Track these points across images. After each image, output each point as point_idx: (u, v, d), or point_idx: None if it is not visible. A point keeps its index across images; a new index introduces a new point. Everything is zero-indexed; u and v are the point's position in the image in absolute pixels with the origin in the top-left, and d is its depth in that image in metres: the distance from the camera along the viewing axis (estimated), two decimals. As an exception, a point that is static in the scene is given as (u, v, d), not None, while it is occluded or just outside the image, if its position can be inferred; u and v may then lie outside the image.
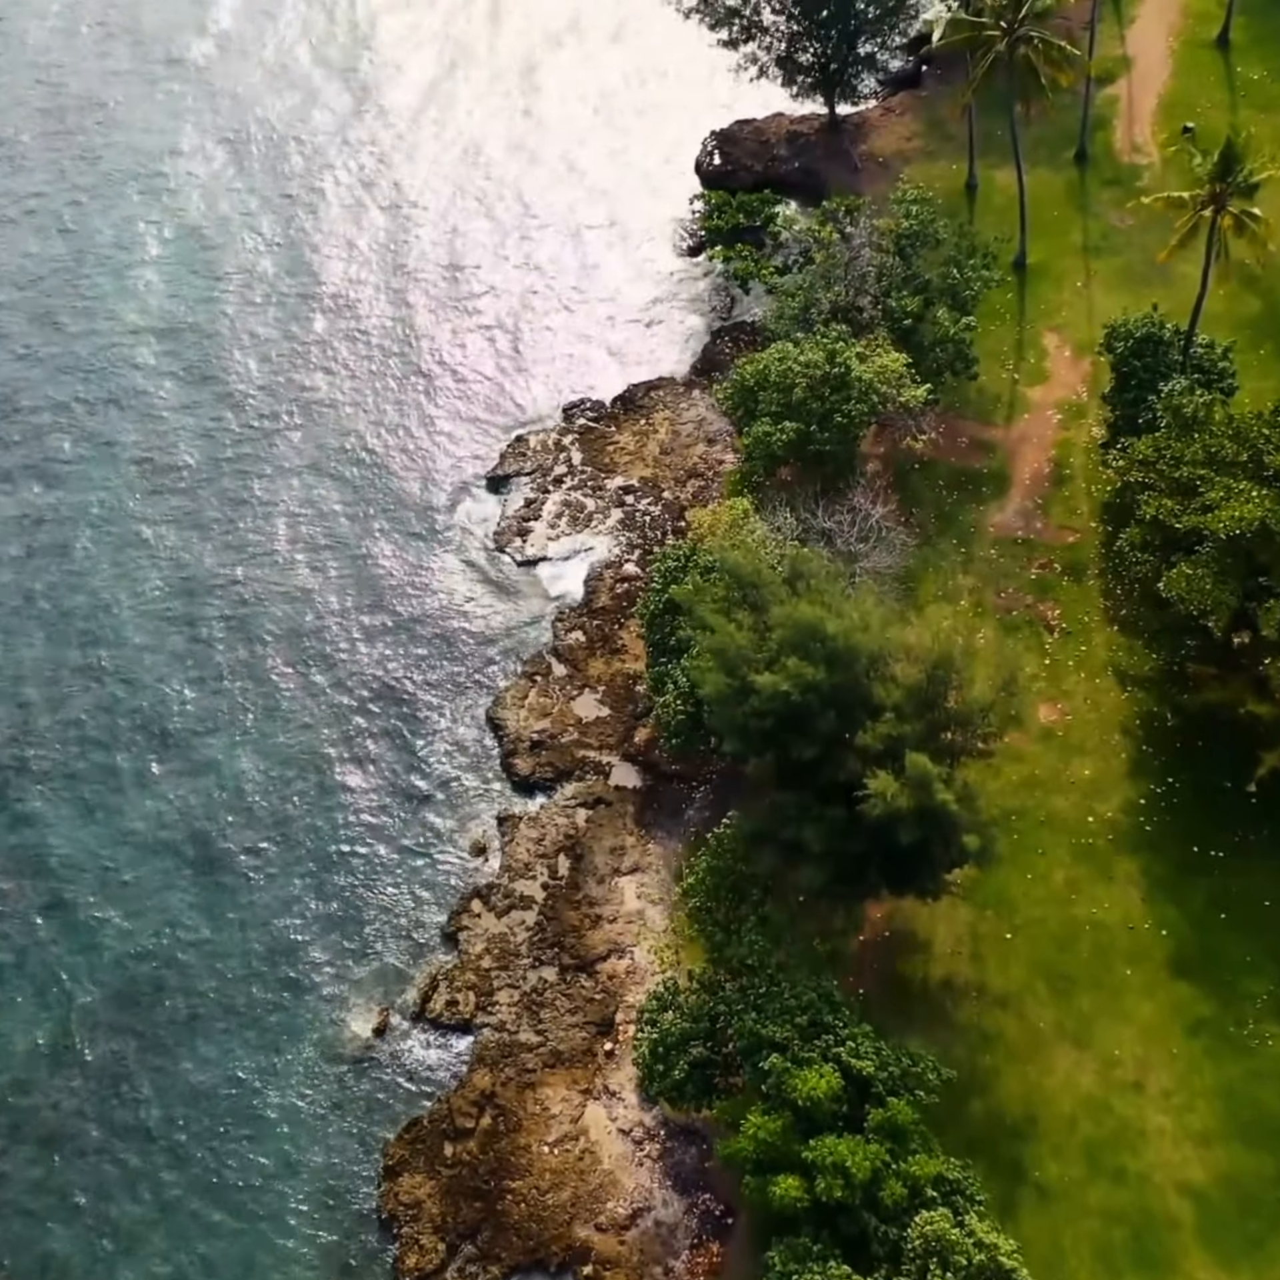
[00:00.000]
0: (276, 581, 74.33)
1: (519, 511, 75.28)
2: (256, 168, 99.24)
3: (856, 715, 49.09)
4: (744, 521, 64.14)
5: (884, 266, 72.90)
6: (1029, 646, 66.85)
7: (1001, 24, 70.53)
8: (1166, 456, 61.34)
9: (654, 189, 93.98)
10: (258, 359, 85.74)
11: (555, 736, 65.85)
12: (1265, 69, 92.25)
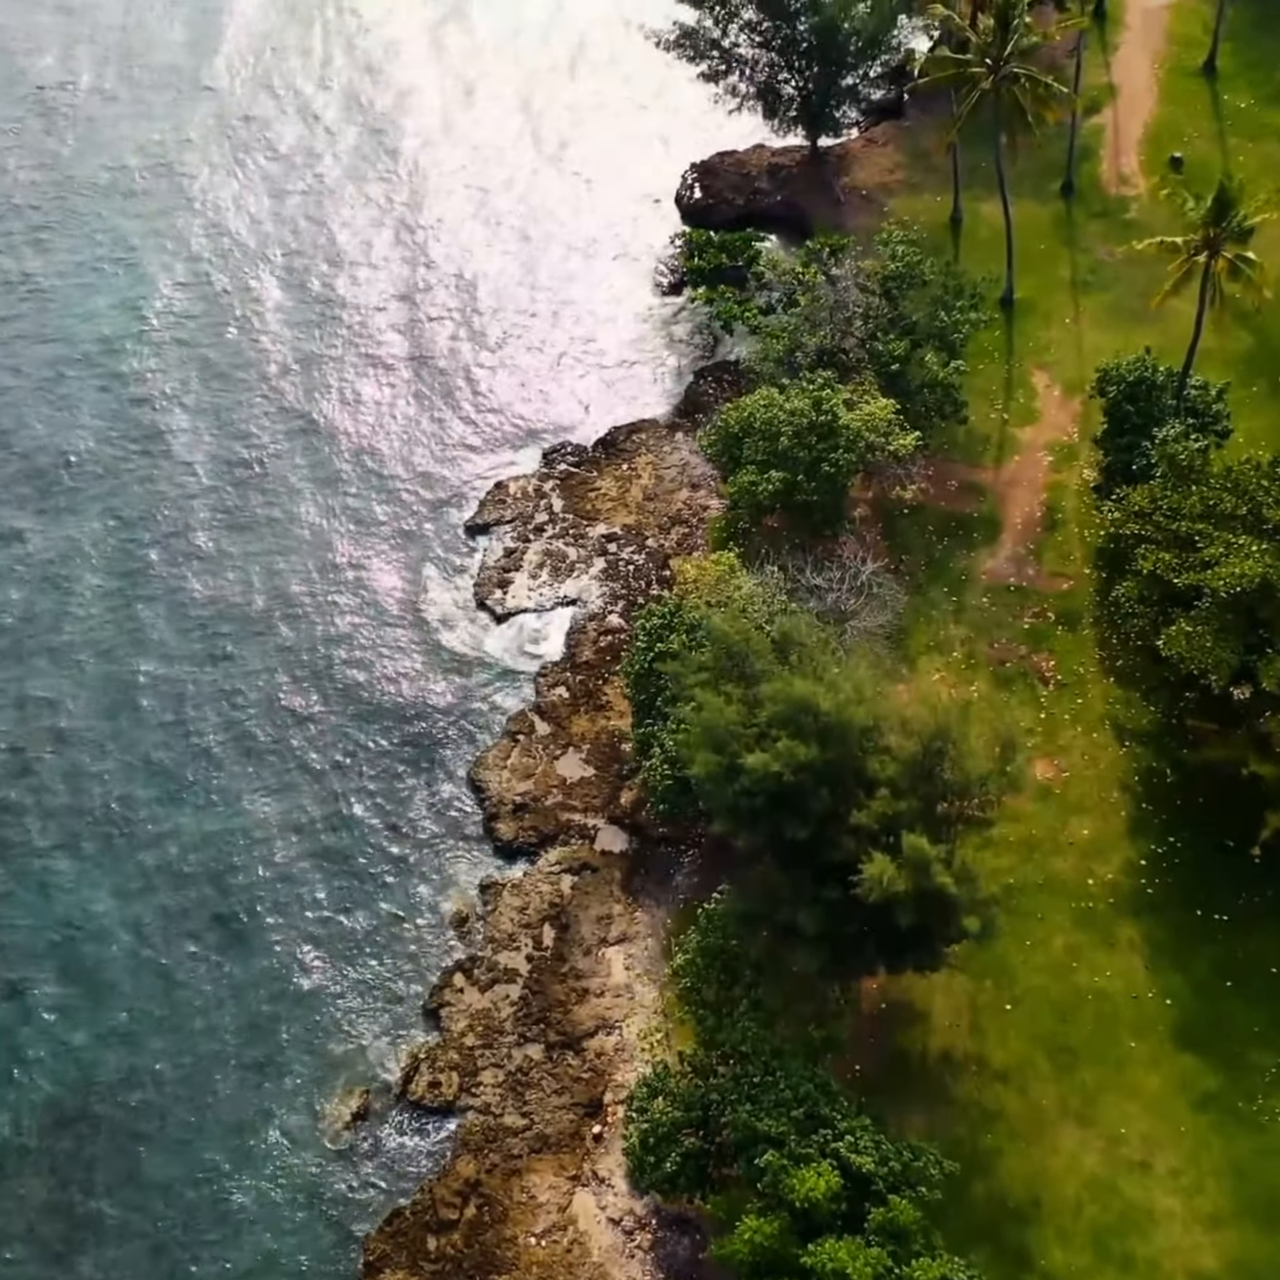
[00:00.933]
0: (249, 638, 72.08)
1: (499, 562, 73.36)
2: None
3: (850, 791, 47.34)
4: (730, 577, 62.42)
5: (870, 308, 71.31)
6: (1023, 700, 65.25)
7: (987, 60, 69.00)
8: (1163, 508, 59.90)
9: (634, 223, 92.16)
10: (211, 426, 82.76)
11: (539, 799, 63.94)
12: (1252, 96, 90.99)
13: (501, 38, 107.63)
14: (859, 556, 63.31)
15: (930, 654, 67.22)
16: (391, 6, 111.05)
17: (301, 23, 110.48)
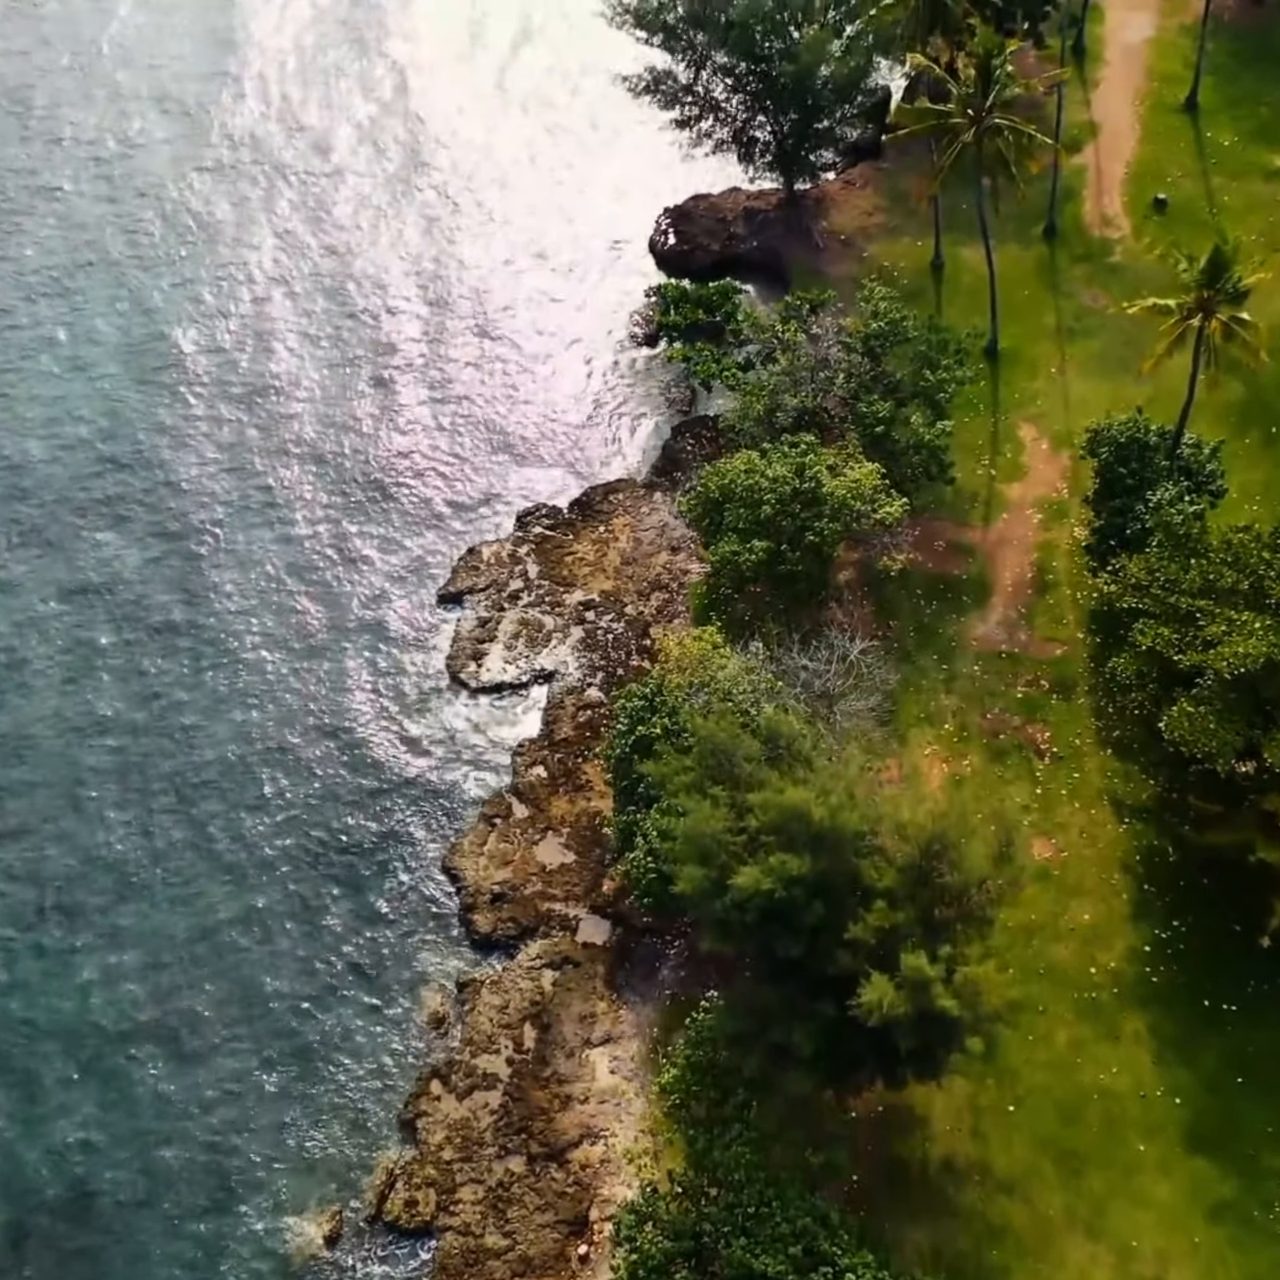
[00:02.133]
0: (206, 719, 68.99)
1: (473, 632, 70.72)
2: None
3: (845, 901, 44.91)
4: (714, 656, 60.00)
5: (852, 366, 69.09)
6: (1019, 774, 63.00)
7: (968, 111, 66.90)
8: (1160, 580, 57.73)
9: (607, 270, 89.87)
10: (167, 494, 79.47)
11: (517, 888, 61.31)
12: (1235, 133, 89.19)
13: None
14: (846, 633, 60.84)
15: (921, 726, 64.92)
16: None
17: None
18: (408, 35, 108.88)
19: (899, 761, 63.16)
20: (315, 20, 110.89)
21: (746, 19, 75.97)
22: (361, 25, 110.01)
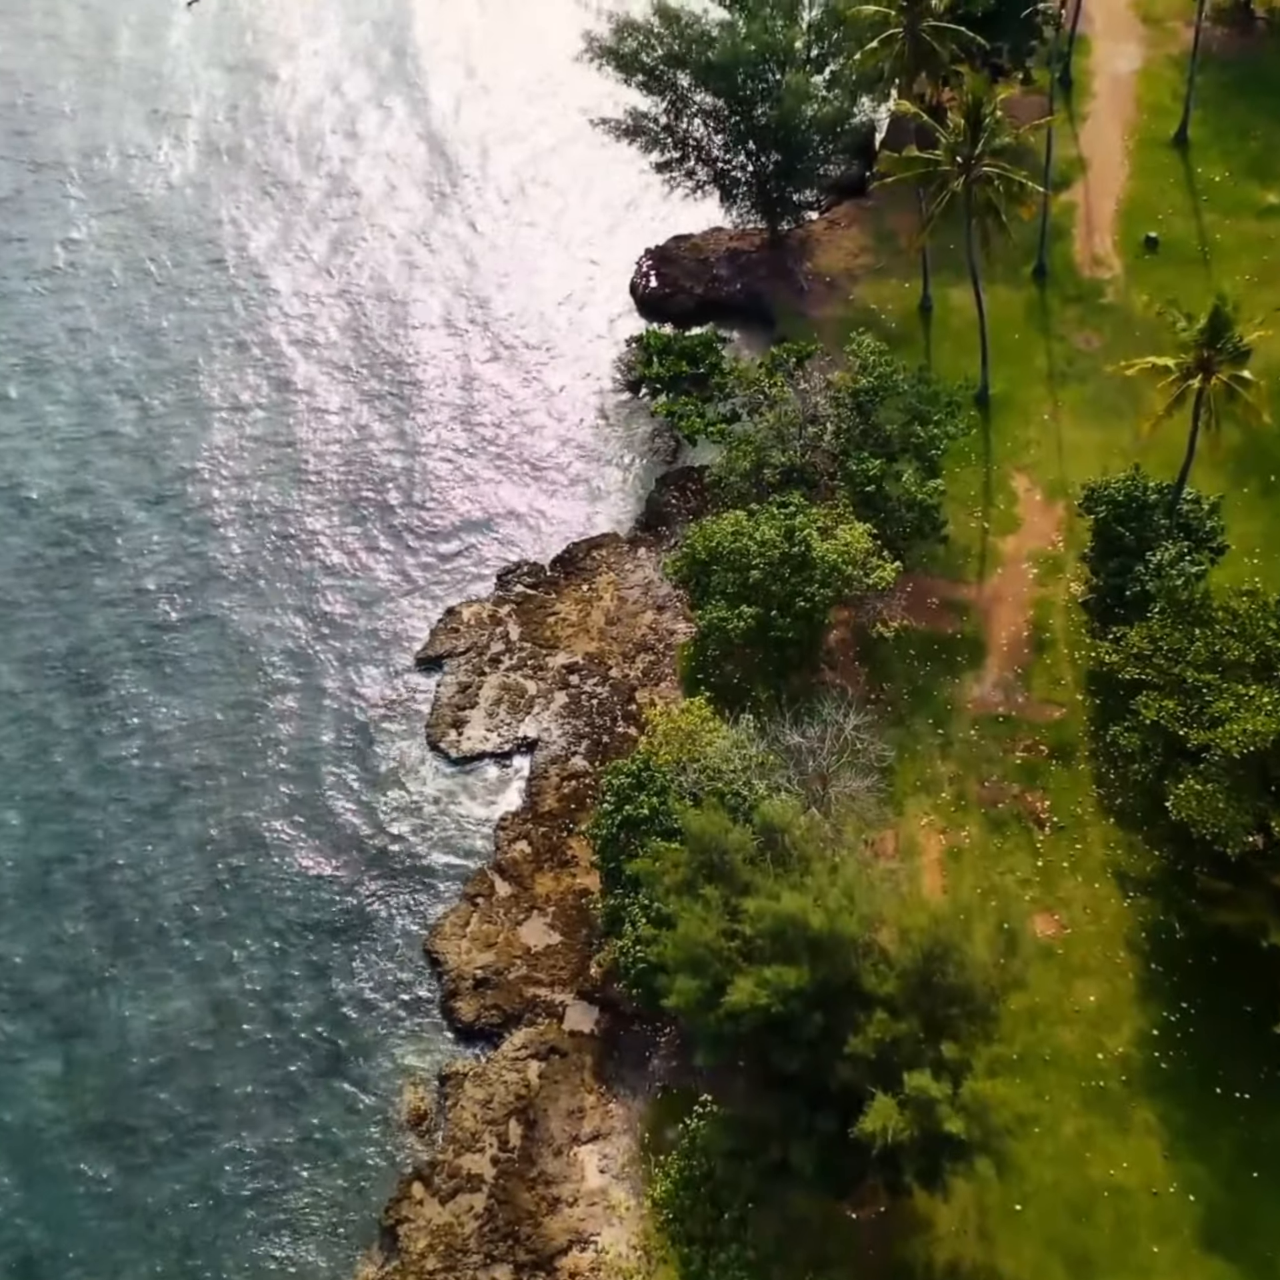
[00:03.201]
0: (175, 798, 66.17)
1: (453, 699, 68.37)
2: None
3: (845, 1009, 42.77)
4: (703, 730, 57.83)
5: (841, 421, 67.08)
6: (1018, 845, 60.96)
7: (957, 159, 64.99)
8: (1164, 649, 55.80)
9: (588, 315, 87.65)
10: (136, 559, 76.64)
11: (501, 972, 58.98)
12: (1226, 169, 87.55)
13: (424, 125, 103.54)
14: (840, 707, 58.65)
15: (918, 795, 62.80)
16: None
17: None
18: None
19: (895, 833, 61.25)
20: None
21: (728, 61, 73.99)
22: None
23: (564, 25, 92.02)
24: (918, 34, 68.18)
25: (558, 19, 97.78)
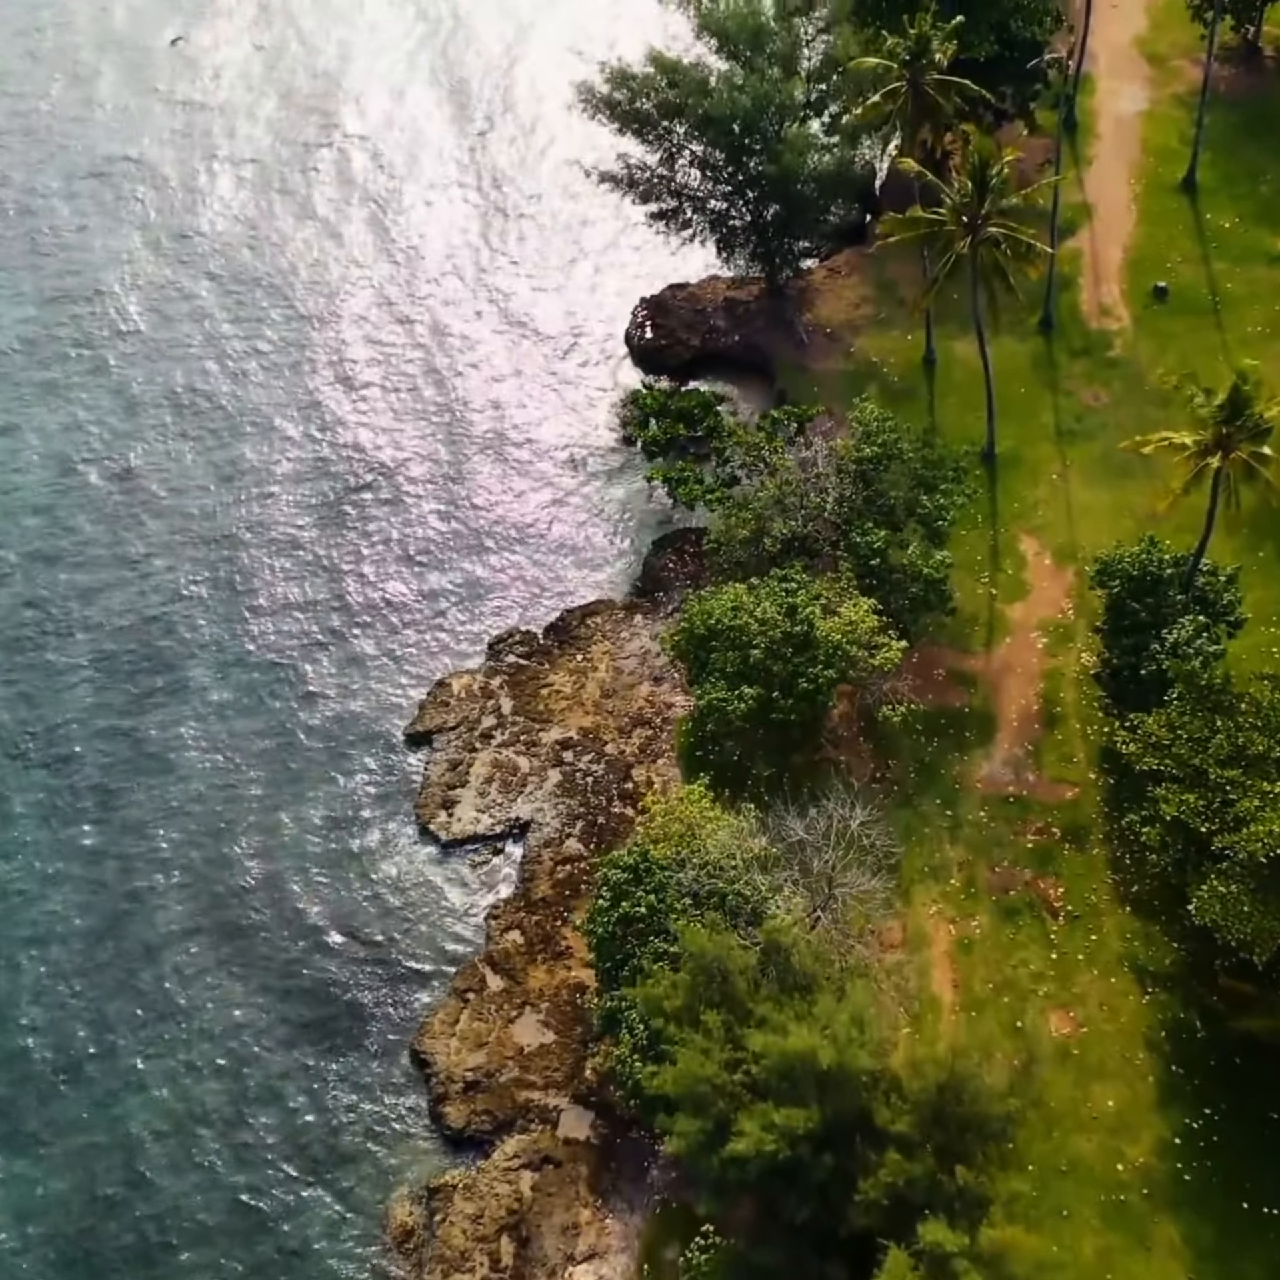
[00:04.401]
0: (143, 884, 63.67)
1: (443, 777, 65.91)
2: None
3: (856, 1148, 40.35)
4: (702, 822, 55.37)
5: (843, 489, 64.75)
6: (1031, 936, 58.45)
7: (963, 219, 62.72)
8: (1183, 739, 53.44)
9: (582, 366, 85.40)
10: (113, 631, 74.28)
11: (493, 1074, 56.49)
12: (1236, 214, 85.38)
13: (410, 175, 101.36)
14: (845, 801, 56.15)
15: (925, 882, 60.35)
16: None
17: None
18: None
19: (903, 923, 58.85)
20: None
21: (724, 114, 71.76)
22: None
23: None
24: (920, 87, 66.01)
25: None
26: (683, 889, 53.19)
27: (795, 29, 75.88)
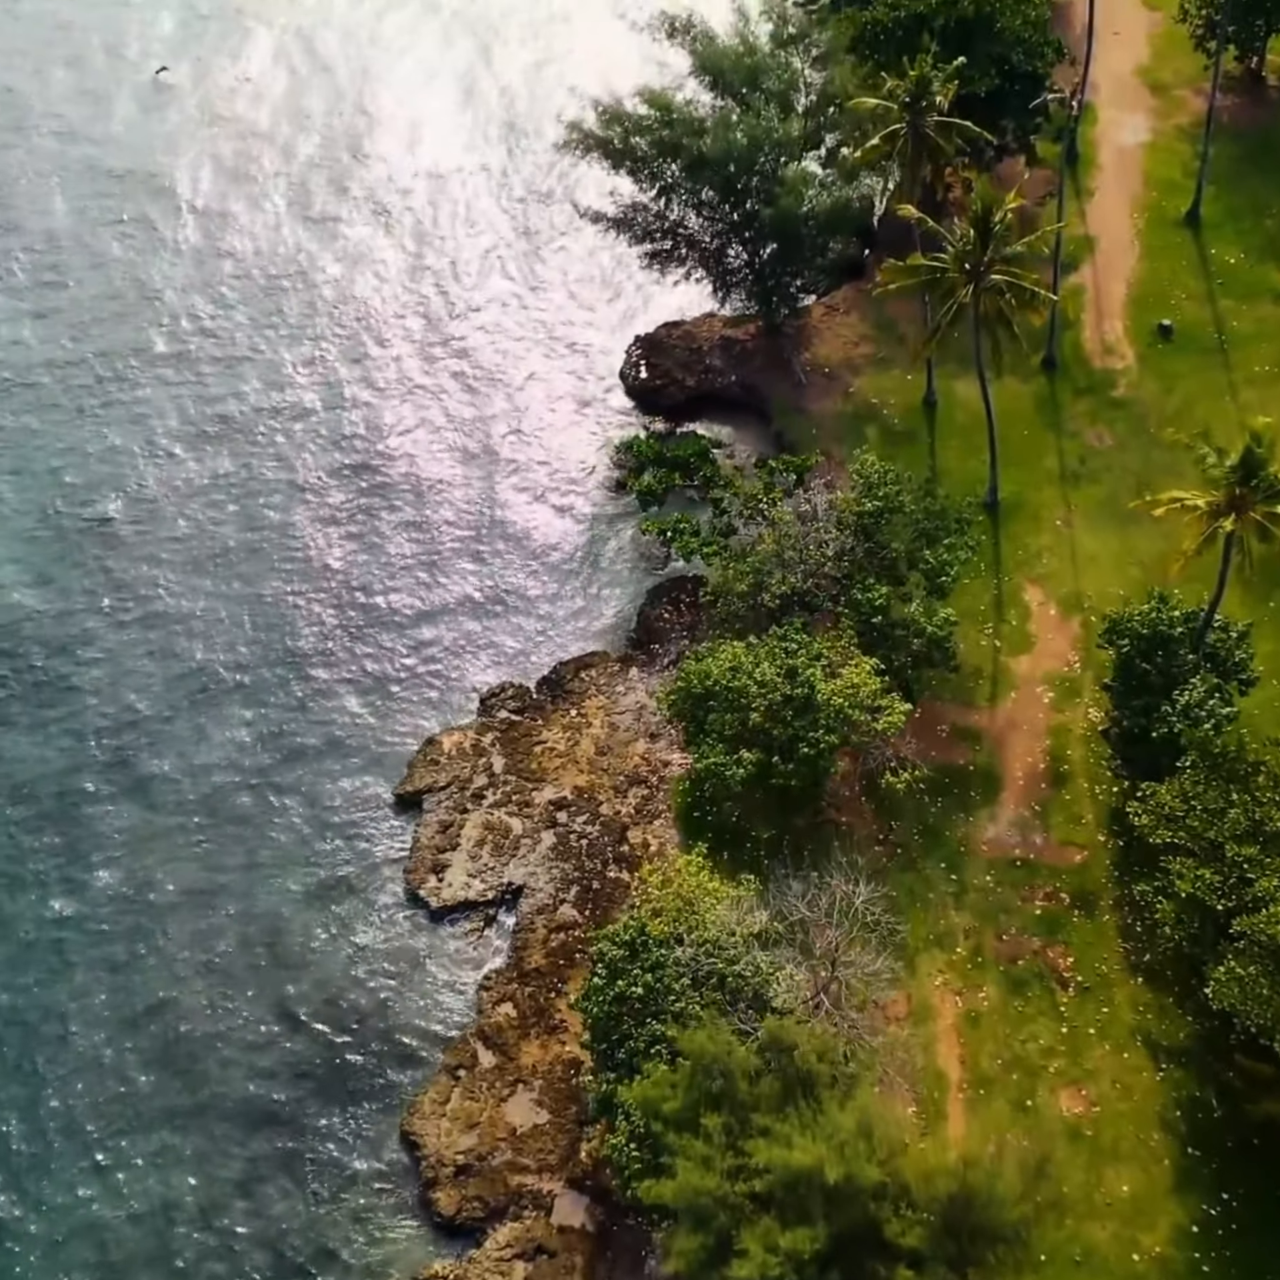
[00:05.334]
0: (129, 938, 61.83)
1: (433, 840, 63.93)
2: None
3: (865, 1263, 38.48)
4: (699, 895, 53.51)
5: (844, 542, 62.98)
6: (1041, 1009, 56.64)
7: (965, 265, 61.04)
8: (1197, 810, 51.69)
9: (574, 407, 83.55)
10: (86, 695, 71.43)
11: (485, 1157, 54.49)
12: (1241, 249, 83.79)
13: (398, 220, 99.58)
14: (848, 875, 54.26)
15: (930, 950, 58.50)
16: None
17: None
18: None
19: (908, 995, 57.00)
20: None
21: (720, 154, 70.02)
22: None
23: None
24: (921, 130, 64.36)
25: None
26: (681, 967, 51.34)
27: (791, 65, 74.09)
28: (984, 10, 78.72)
